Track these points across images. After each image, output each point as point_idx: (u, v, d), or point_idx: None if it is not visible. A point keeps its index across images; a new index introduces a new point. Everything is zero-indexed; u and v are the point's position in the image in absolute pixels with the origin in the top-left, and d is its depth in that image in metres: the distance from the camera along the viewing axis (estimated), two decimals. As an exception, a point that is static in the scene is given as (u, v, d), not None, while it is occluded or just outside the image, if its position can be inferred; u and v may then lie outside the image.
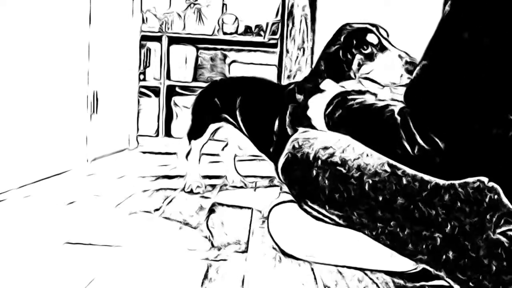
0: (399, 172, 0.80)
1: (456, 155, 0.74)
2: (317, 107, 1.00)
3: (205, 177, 1.74)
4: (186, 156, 1.64)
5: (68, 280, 0.82)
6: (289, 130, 1.20)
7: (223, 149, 1.77)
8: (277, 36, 2.95)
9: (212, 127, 1.59)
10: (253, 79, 1.57)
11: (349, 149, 0.86)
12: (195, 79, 3.12)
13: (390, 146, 0.80)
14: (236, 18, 3.05)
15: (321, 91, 1.05)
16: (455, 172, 0.76)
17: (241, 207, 1.44)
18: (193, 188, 1.60)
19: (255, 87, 1.47)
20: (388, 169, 0.81)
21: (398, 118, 0.78)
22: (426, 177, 0.78)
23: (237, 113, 1.46)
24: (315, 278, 0.89)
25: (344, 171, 0.84)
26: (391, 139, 0.79)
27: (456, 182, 0.76)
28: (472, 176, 0.75)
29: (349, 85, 1.12)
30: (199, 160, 1.64)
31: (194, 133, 1.62)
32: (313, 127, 1.00)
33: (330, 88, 1.06)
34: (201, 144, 1.62)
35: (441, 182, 0.77)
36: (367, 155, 0.84)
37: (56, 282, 0.81)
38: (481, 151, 0.74)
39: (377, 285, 0.87)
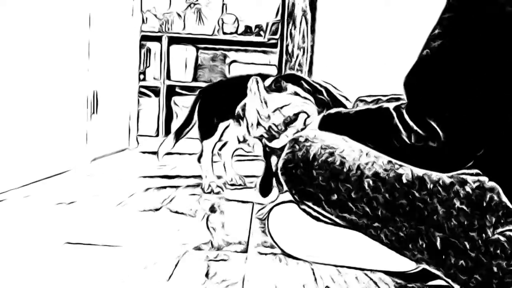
0: (399, 171, 0.80)
1: (454, 142, 0.74)
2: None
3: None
4: (199, 159, 1.65)
5: (68, 280, 0.82)
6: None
7: (221, 149, 1.78)
8: (277, 36, 2.95)
9: (221, 126, 1.60)
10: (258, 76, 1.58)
11: (349, 149, 0.86)
12: (195, 79, 3.12)
13: (387, 140, 0.80)
14: (236, 18, 3.05)
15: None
16: (454, 161, 0.76)
17: (242, 202, 1.44)
18: (213, 188, 1.62)
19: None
20: (388, 168, 0.81)
21: (394, 112, 0.79)
22: (426, 176, 0.78)
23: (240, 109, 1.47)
24: (315, 278, 0.89)
25: (343, 170, 0.84)
26: (388, 132, 0.80)
27: (457, 180, 0.76)
28: (471, 167, 0.75)
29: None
30: (212, 159, 1.66)
31: (204, 133, 1.64)
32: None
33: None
34: (212, 144, 1.64)
35: (441, 180, 0.77)
36: (367, 155, 0.84)
37: (56, 282, 0.81)
38: (480, 139, 0.74)
39: (377, 285, 0.88)
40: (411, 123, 0.76)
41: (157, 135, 3.03)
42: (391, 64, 2.32)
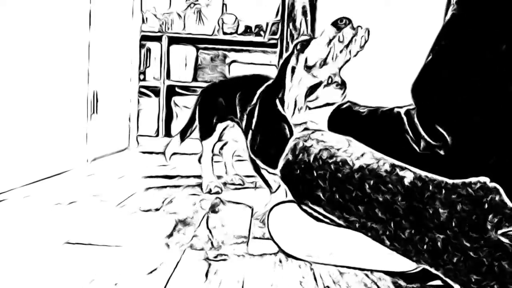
0: (401, 173, 0.80)
1: (462, 149, 0.74)
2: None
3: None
4: (199, 159, 1.66)
5: (68, 280, 0.82)
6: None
7: (222, 148, 1.78)
8: (277, 36, 2.95)
9: (220, 126, 1.61)
10: (252, 76, 1.57)
11: (350, 150, 0.86)
12: (195, 79, 3.12)
13: (397, 145, 0.80)
14: (236, 18, 3.05)
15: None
16: (460, 169, 0.76)
17: (242, 205, 1.44)
18: (211, 188, 1.62)
19: (252, 83, 1.48)
20: (390, 170, 0.81)
21: (405, 117, 0.79)
22: (428, 178, 0.78)
23: (237, 110, 1.47)
24: (315, 278, 0.89)
25: (345, 171, 0.84)
26: (398, 138, 0.80)
27: (458, 182, 0.76)
28: (477, 174, 0.75)
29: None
30: (212, 159, 1.66)
31: (204, 133, 1.65)
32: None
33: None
34: (212, 144, 1.65)
35: (443, 182, 0.77)
36: (368, 156, 0.84)
37: (56, 282, 0.81)
38: (486, 146, 0.74)
39: (377, 285, 0.87)
40: (420, 130, 0.76)
41: (157, 135, 3.02)
42: (391, 65, 2.32)
